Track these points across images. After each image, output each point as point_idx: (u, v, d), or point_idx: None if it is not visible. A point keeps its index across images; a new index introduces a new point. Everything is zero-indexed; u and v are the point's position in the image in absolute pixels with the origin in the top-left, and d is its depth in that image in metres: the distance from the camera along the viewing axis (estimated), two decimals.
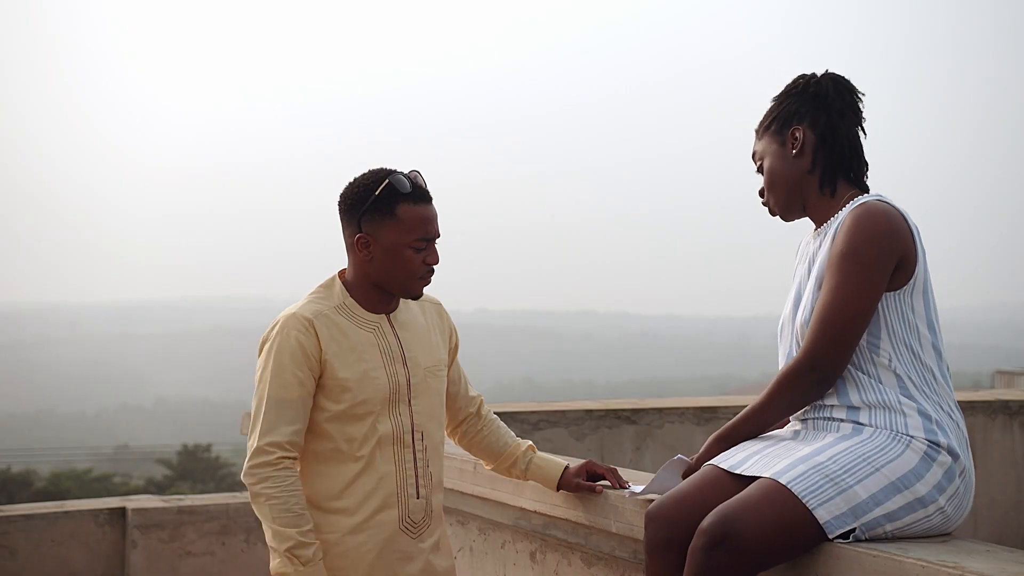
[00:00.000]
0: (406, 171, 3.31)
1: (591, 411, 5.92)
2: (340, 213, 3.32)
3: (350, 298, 3.31)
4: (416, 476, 3.31)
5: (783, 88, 3.28)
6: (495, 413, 3.68)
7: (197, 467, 31.80)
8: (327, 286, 3.35)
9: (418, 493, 3.31)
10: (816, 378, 3.02)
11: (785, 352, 3.20)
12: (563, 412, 5.88)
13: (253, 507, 3.20)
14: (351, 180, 3.33)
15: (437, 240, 3.32)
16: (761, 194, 3.29)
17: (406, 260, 3.25)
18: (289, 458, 3.19)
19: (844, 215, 3.08)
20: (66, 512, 6.58)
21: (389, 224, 3.24)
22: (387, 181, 3.24)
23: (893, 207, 3.05)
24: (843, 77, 3.23)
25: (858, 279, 2.98)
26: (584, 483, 3.55)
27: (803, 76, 3.25)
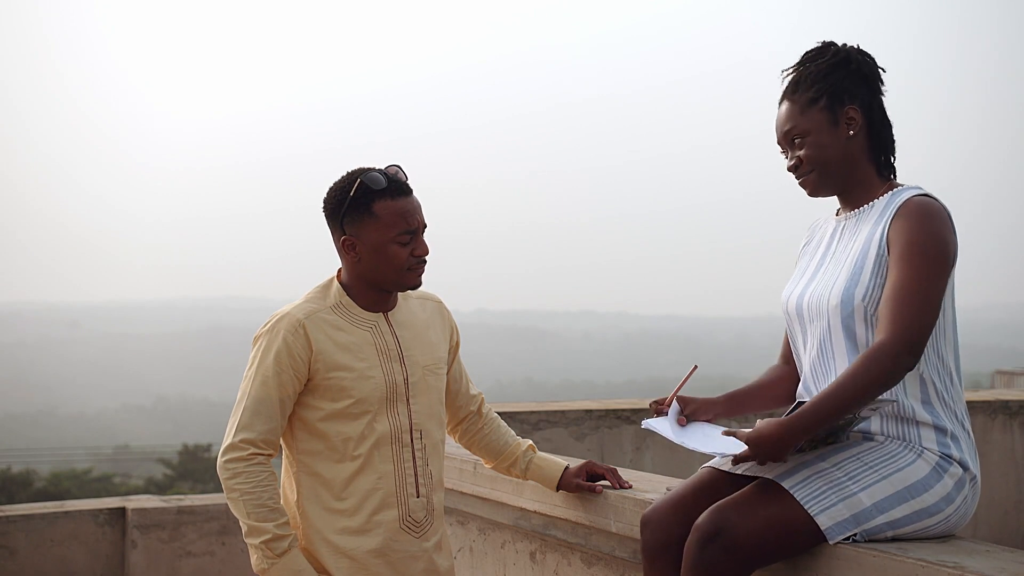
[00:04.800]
0: (384, 167, 3.29)
1: (591, 411, 5.92)
2: (325, 219, 3.32)
3: (347, 297, 3.30)
4: (416, 475, 3.30)
5: (810, 53, 3.12)
6: (495, 413, 3.68)
7: (197, 467, 31.79)
8: (324, 286, 3.35)
9: (418, 492, 3.30)
10: (910, 358, 2.85)
11: (817, 333, 3.06)
12: (563, 412, 5.88)
13: (228, 503, 3.20)
14: (330, 185, 3.32)
15: (424, 230, 3.29)
16: (795, 168, 3.12)
17: (393, 255, 3.23)
18: (262, 454, 3.20)
19: (895, 204, 2.99)
20: (66, 512, 6.58)
21: (369, 223, 3.23)
22: (359, 180, 3.23)
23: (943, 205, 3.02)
24: (868, 53, 3.12)
25: (938, 270, 2.90)
26: (584, 483, 3.55)
27: (830, 44, 3.12)
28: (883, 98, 3.12)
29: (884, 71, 3.13)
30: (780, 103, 3.14)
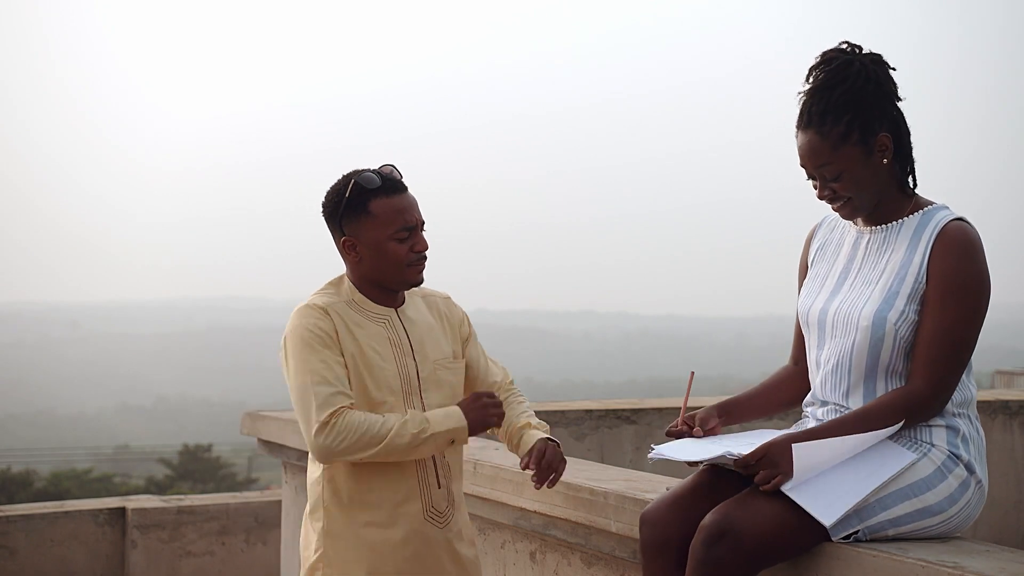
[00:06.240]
0: (377, 167, 3.34)
1: (591, 411, 5.92)
2: (324, 222, 3.37)
3: (359, 294, 3.36)
4: (435, 467, 3.37)
5: (830, 72, 3.00)
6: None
7: (197, 467, 31.83)
8: (335, 284, 3.40)
9: (439, 483, 3.37)
10: (940, 407, 2.93)
11: (837, 349, 3.04)
12: (563, 412, 5.87)
13: (368, 459, 3.19)
14: (327, 188, 3.36)
15: (423, 227, 3.33)
16: (830, 199, 3.06)
17: (392, 252, 3.29)
18: (343, 407, 3.21)
19: (932, 229, 2.98)
20: (66, 512, 6.59)
21: (367, 222, 3.28)
22: (354, 181, 3.28)
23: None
24: (881, 56, 3.04)
25: (978, 311, 2.93)
26: (524, 464, 3.47)
27: (848, 59, 3.01)
28: (901, 103, 3.06)
29: (895, 69, 3.05)
30: (804, 128, 3.02)
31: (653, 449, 3.13)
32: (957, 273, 2.93)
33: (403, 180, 3.34)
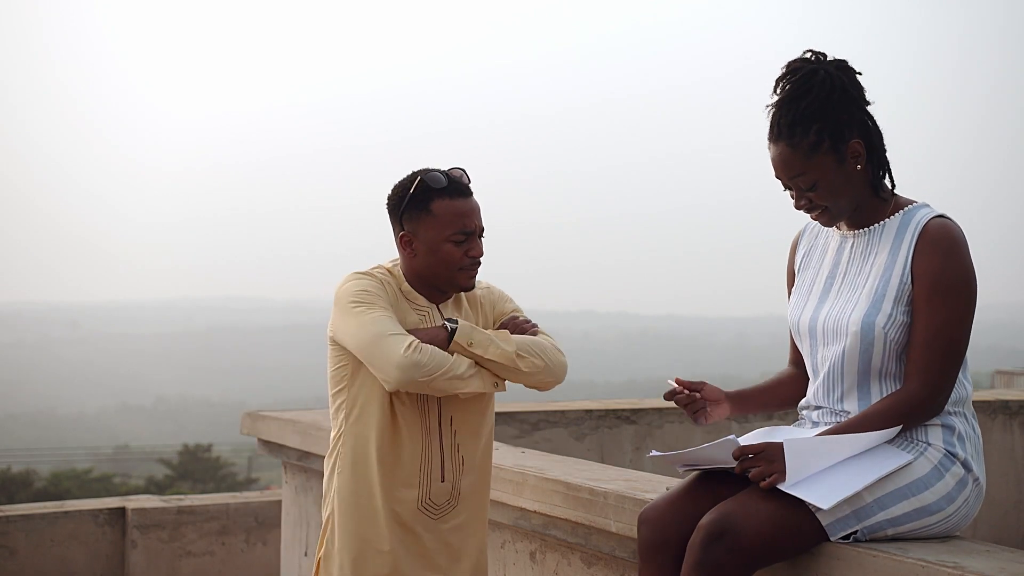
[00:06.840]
0: (447, 168, 3.38)
1: (591, 411, 5.92)
2: (387, 214, 3.41)
3: (407, 285, 3.41)
4: (442, 460, 3.38)
5: (795, 83, 3.01)
6: (496, 413, 3.69)
7: (197, 467, 31.83)
8: (387, 268, 3.44)
9: (443, 477, 3.39)
10: (937, 407, 2.94)
11: (829, 356, 3.06)
12: (563, 412, 5.87)
13: (439, 382, 3.24)
14: (395, 183, 3.41)
15: (481, 234, 3.37)
16: (807, 209, 3.08)
17: (447, 254, 3.33)
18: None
19: (913, 228, 2.99)
20: (66, 512, 6.58)
21: (426, 220, 3.33)
22: (420, 178, 3.33)
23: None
24: (846, 63, 3.05)
25: (968, 308, 2.94)
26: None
27: (812, 69, 3.01)
28: (869, 107, 3.06)
29: (861, 74, 3.06)
30: (775, 141, 3.03)
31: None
32: (943, 272, 2.93)
33: (470, 185, 3.38)
